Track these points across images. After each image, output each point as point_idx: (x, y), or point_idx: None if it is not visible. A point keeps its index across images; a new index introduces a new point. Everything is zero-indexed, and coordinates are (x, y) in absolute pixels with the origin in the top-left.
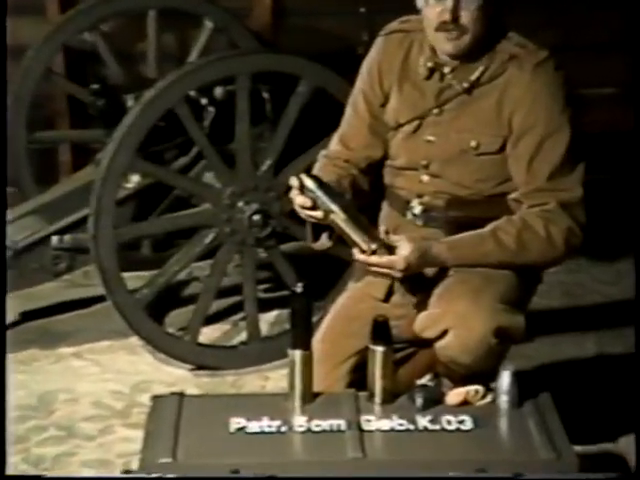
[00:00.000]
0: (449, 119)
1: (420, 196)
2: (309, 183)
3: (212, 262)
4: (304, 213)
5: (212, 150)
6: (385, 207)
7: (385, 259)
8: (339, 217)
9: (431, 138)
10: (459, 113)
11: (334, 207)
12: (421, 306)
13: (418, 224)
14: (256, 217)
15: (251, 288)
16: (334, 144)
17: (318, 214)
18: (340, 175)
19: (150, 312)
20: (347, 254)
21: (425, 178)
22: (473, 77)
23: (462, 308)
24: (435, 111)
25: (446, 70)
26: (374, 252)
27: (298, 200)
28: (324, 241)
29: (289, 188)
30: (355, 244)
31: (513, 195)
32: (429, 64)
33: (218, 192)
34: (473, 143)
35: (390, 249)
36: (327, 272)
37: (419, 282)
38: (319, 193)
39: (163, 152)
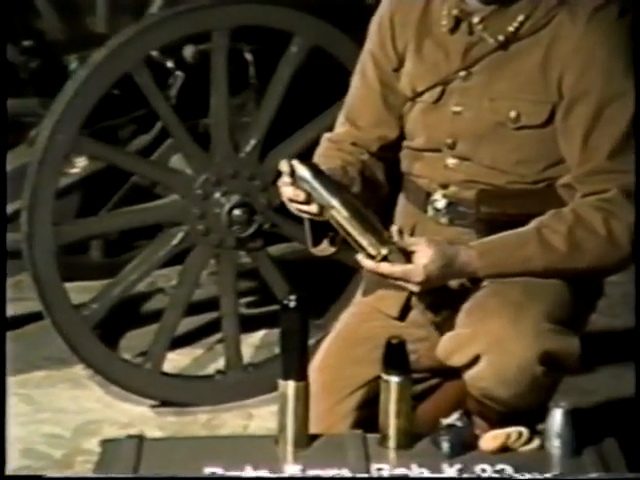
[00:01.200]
0: (480, 84)
1: (444, 186)
2: (302, 171)
3: (181, 269)
4: (294, 207)
5: (180, 126)
6: (401, 201)
7: (399, 268)
8: (340, 214)
9: (457, 109)
10: (493, 76)
11: (334, 201)
12: (446, 326)
13: (442, 222)
14: (237, 212)
15: (231, 302)
16: (339, 124)
17: (312, 209)
18: (347, 162)
19: (100, 333)
20: (353, 260)
21: (451, 162)
22: (510, 28)
23: (498, 328)
24: (462, 74)
25: (475, 20)
26: (385, 258)
27: (287, 192)
28: (327, 245)
29: (279, 175)
30: (361, 248)
31: (563, 180)
32: (454, 12)
33: (188, 180)
34: (512, 114)
35: (406, 255)
36: (327, 282)
37: (443, 296)
38: (315, 183)
39: (117, 129)
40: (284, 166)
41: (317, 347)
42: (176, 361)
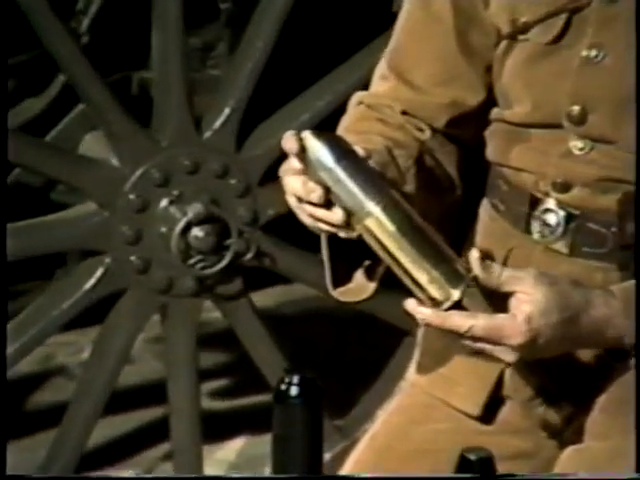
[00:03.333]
0: (628, 12)
1: (564, 187)
2: (320, 150)
3: (98, 332)
4: (305, 212)
5: (98, 83)
6: (486, 212)
7: (484, 321)
8: (382, 227)
9: (592, 53)
10: None
11: (371, 205)
12: (568, 432)
13: (557, 249)
14: (198, 232)
15: (186, 390)
16: (378, 78)
17: (333, 215)
18: (394, 141)
19: None
20: (396, 313)
21: (576, 146)
22: None
23: None
24: None
25: None
26: (458, 304)
27: (294, 186)
28: (360, 281)
29: (277, 162)
30: (417, 286)
31: None
32: None
33: (113, 177)
34: None
35: (496, 299)
36: (353, 354)
37: (562, 377)
38: (340, 173)
39: None
40: (290, 141)
41: (338, 464)
42: None
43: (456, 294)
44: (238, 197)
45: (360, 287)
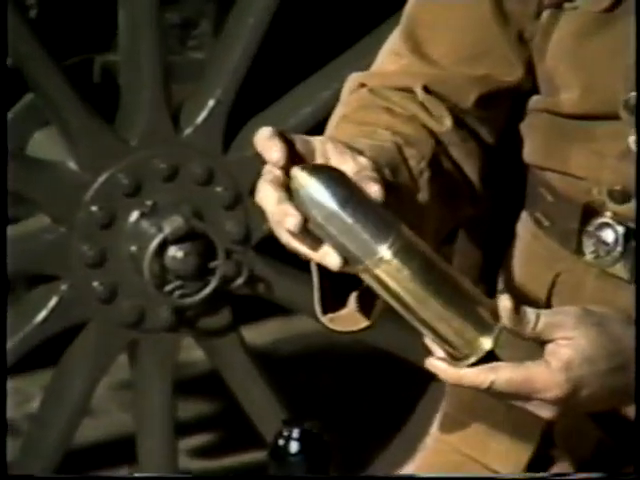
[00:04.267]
0: None
1: (623, 195)
2: (318, 191)
3: (53, 374)
4: (284, 239)
5: (51, 67)
6: (526, 229)
7: (509, 372)
8: (395, 275)
9: None
10: None
11: (381, 249)
12: None
13: (615, 273)
14: (175, 252)
15: (160, 446)
16: (387, 53)
17: (331, 261)
18: (403, 136)
19: None
20: (413, 349)
21: (636, 143)
22: None
23: None
24: None
25: None
26: (491, 354)
27: (266, 200)
28: (352, 310)
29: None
30: (437, 337)
31: None
32: None
33: (71, 183)
34: None
35: (529, 344)
36: (365, 400)
37: (618, 433)
38: (347, 218)
39: None
40: (270, 147)
41: None
42: None
43: (487, 344)
44: (226, 209)
45: (351, 316)
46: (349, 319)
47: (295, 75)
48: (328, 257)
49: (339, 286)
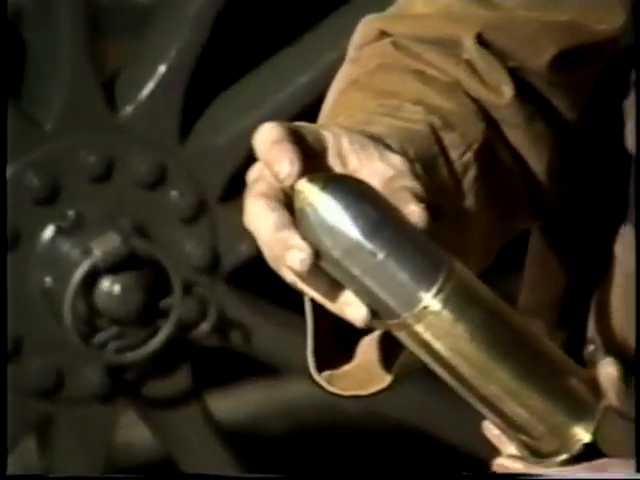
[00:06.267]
0: None
1: None
2: (335, 213)
3: None
4: (302, 288)
5: None
6: (627, 251)
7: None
8: (447, 332)
9: None
10: None
11: (426, 297)
12: None
13: None
14: (111, 285)
15: None
16: None
17: (356, 314)
18: (442, 114)
19: None
20: (454, 426)
21: None
22: None
23: None
24: None
25: None
26: (593, 446)
27: (262, 227)
28: (366, 361)
29: (243, 170)
30: (503, 417)
31: None
32: None
33: None
34: None
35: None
36: None
37: None
38: (379, 253)
39: None
40: (283, 159)
41: None
42: None
43: (579, 440)
44: (183, 223)
45: (366, 371)
46: (358, 378)
47: (278, 38)
48: (349, 309)
49: (344, 330)
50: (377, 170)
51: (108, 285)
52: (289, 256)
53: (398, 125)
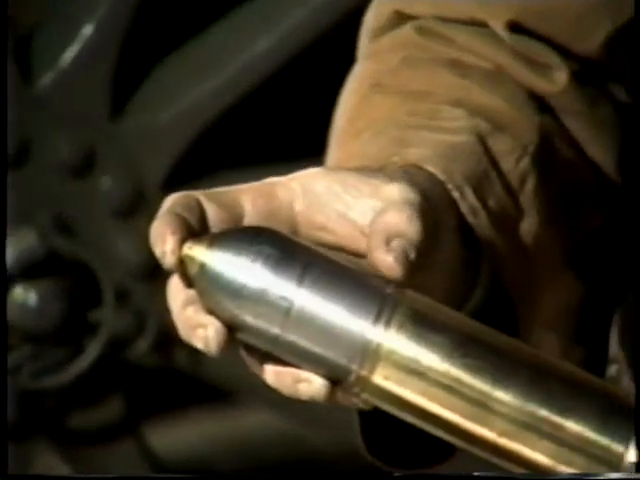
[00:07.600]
0: None
1: None
2: (211, 258)
3: None
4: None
5: None
6: None
7: None
8: (396, 361)
9: None
10: None
11: (374, 333)
12: None
13: None
14: (26, 293)
15: None
16: None
17: (313, 388)
18: (488, 114)
19: None
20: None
21: None
22: None
23: None
24: None
25: None
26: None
27: (176, 312)
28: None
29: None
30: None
31: None
32: None
33: None
34: None
35: None
36: None
37: None
38: (307, 299)
39: None
40: (164, 246)
41: None
42: None
43: (633, 457)
44: (116, 216)
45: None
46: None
47: None
48: (302, 387)
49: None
50: (366, 209)
51: (21, 293)
52: (195, 336)
53: (438, 140)
